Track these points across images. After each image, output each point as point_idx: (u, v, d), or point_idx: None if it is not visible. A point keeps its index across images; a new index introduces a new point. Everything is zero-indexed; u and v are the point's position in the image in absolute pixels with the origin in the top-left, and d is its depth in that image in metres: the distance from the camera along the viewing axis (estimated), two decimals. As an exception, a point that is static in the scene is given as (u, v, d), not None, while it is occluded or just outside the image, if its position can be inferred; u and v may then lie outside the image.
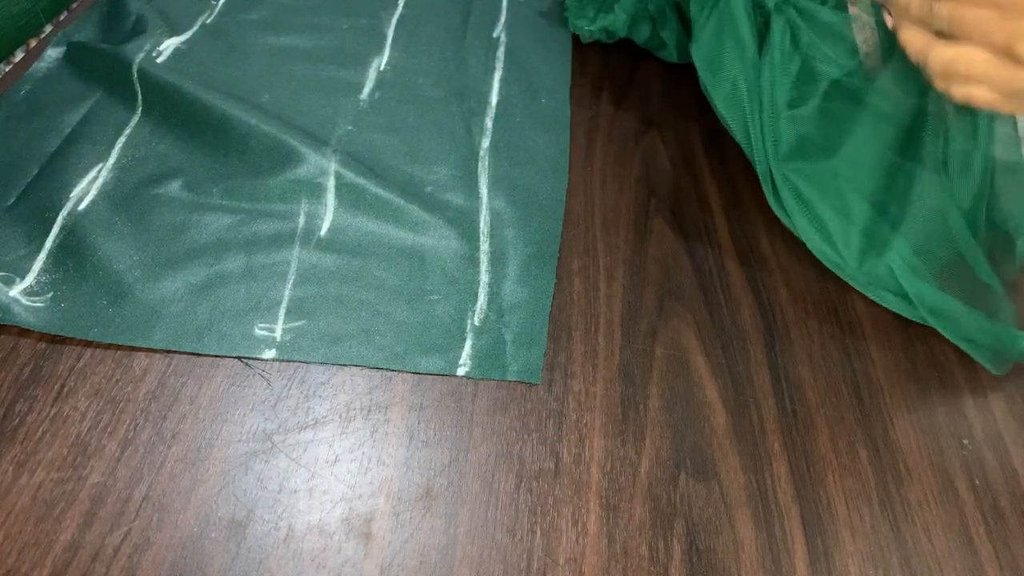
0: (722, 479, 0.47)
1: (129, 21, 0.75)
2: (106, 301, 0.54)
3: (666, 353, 0.53)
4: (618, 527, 0.45)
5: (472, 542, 0.44)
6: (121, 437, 0.47)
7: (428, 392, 0.50)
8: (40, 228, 0.58)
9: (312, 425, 0.48)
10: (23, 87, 0.69)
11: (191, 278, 0.55)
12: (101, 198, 0.60)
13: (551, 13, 0.82)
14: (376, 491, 0.46)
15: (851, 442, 0.49)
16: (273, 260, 0.57)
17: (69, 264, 0.56)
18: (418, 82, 0.72)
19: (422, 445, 0.48)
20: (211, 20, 0.77)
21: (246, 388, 0.50)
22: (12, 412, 0.48)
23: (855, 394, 0.51)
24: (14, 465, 0.46)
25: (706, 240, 0.60)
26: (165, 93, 0.66)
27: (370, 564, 0.43)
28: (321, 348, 0.52)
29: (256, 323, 0.53)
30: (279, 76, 0.72)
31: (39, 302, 0.54)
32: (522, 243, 0.59)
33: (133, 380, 0.50)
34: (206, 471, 0.46)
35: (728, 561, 0.44)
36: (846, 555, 0.44)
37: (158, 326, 0.53)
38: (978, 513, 0.46)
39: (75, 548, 0.43)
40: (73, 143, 0.64)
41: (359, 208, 0.60)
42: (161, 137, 0.65)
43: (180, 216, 0.59)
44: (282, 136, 0.63)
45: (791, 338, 0.54)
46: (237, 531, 0.44)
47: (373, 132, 0.67)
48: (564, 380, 0.51)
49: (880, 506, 0.46)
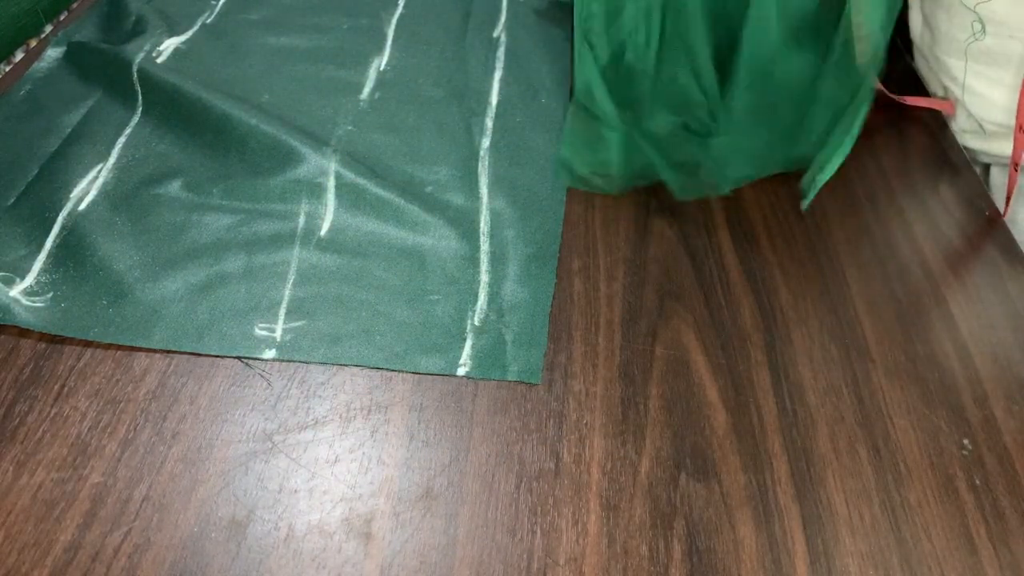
0: (722, 479, 0.47)
1: (129, 21, 0.75)
2: (106, 301, 0.54)
3: (666, 353, 0.53)
4: (618, 527, 0.45)
5: (472, 542, 0.44)
6: (121, 437, 0.47)
7: (428, 392, 0.50)
8: (40, 228, 0.58)
9: (312, 425, 0.48)
10: (23, 87, 0.69)
11: (191, 278, 0.56)
12: (101, 198, 0.60)
13: (551, 13, 0.82)
14: (376, 491, 0.46)
15: (851, 442, 0.49)
16: (273, 260, 0.57)
17: (69, 264, 0.56)
18: (418, 82, 0.72)
19: (422, 445, 0.48)
20: (211, 20, 0.78)
21: (246, 388, 0.50)
22: (12, 412, 0.48)
23: (855, 394, 0.51)
24: (14, 465, 0.46)
25: (706, 240, 0.60)
26: (165, 93, 0.67)
27: (370, 564, 0.43)
28: (321, 348, 0.52)
29: (256, 323, 0.53)
30: (279, 76, 0.72)
31: (39, 302, 0.54)
32: (522, 243, 0.59)
33: (133, 380, 0.50)
34: (206, 471, 0.46)
35: (728, 561, 0.44)
36: (846, 555, 0.44)
37: (158, 326, 0.53)
38: (978, 513, 0.46)
39: (75, 548, 0.43)
40: (73, 143, 0.65)
41: (359, 208, 0.60)
42: (161, 137, 0.66)
43: (180, 216, 0.60)
44: (282, 136, 0.63)
45: (791, 338, 0.54)
46: (237, 531, 0.44)
47: (373, 132, 0.67)
48: (564, 380, 0.51)
49: (880, 506, 0.46)
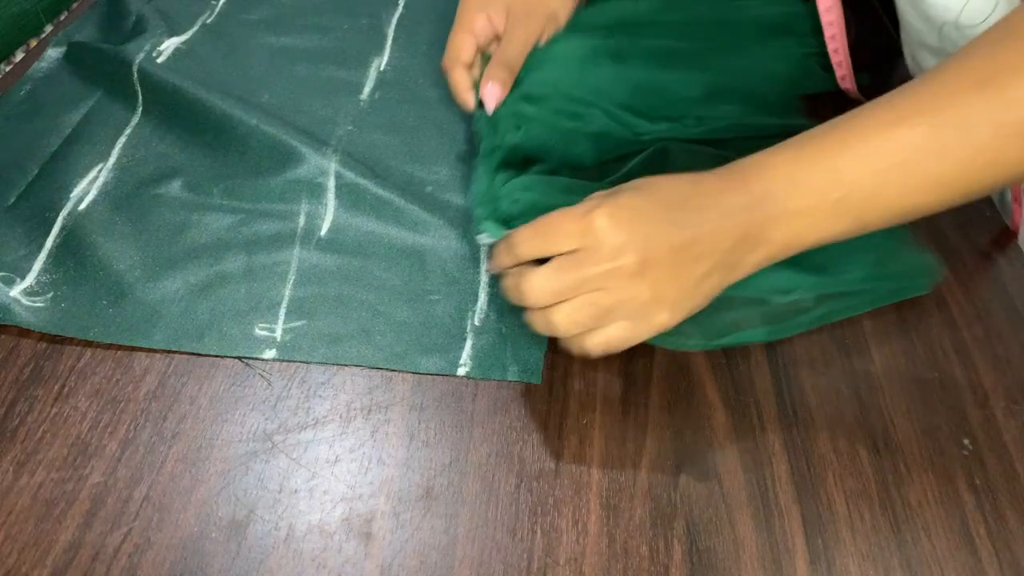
0: (722, 479, 0.47)
1: (129, 21, 0.75)
2: (106, 301, 0.54)
3: (666, 353, 0.53)
4: (618, 527, 0.45)
5: (472, 542, 0.44)
6: (121, 437, 0.47)
7: (429, 392, 0.50)
8: (40, 228, 0.58)
9: (312, 425, 0.48)
10: (23, 87, 0.69)
11: (191, 278, 0.55)
12: (101, 198, 0.60)
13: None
14: (376, 491, 0.46)
15: (851, 442, 0.49)
16: (273, 260, 0.57)
17: (69, 264, 0.56)
18: (418, 82, 0.72)
19: (423, 445, 0.48)
20: (211, 20, 0.77)
21: (246, 388, 0.50)
22: (12, 412, 0.48)
23: (855, 394, 0.51)
24: (14, 465, 0.46)
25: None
26: (165, 93, 0.66)
27: (371, 564, 0.43)
28: (321, 348, 0.52)
29: (256, 323, 0.53)
30: (279, 76, 0.72)
31: (39, 302, 0.54)
32: (522, 243, 0.59)
33: (133, 380, 0.50)
34: (206, 471, 0.46)
35: (728, 561, 0.44)
36: (846, 555, 0.44)
37: (158, 326, 0.53)
38: (978, 513, 0.46)
39: (75, 548, 0.43)
40: (73, 143, 0.64)
41: (359, 208, 0.60)
42: (161, 137, 0.65)
43: (180, 216, 0.59)
44: (282, 136, 0.63)
45: (791, 338, 0.54)
46: (237, 531, 0.44)
47: (373, 132, 0.67)
48: (564, 380, 0.51)
49: (880, 506, 0.46)
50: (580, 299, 0.45)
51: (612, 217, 0.45)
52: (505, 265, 0.49)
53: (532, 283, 0.46)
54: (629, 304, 0.45)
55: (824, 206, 0.45)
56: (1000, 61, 0.43)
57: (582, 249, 0.45)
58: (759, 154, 0.48)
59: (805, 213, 0.46)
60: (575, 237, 0.45)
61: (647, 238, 0.44)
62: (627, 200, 0.46)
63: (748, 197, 0.46)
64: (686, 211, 0.45)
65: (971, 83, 0.43)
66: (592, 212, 0.45)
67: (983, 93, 0.43)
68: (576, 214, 0.45)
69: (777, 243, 0.46)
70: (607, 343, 0.47)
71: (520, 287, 0.46)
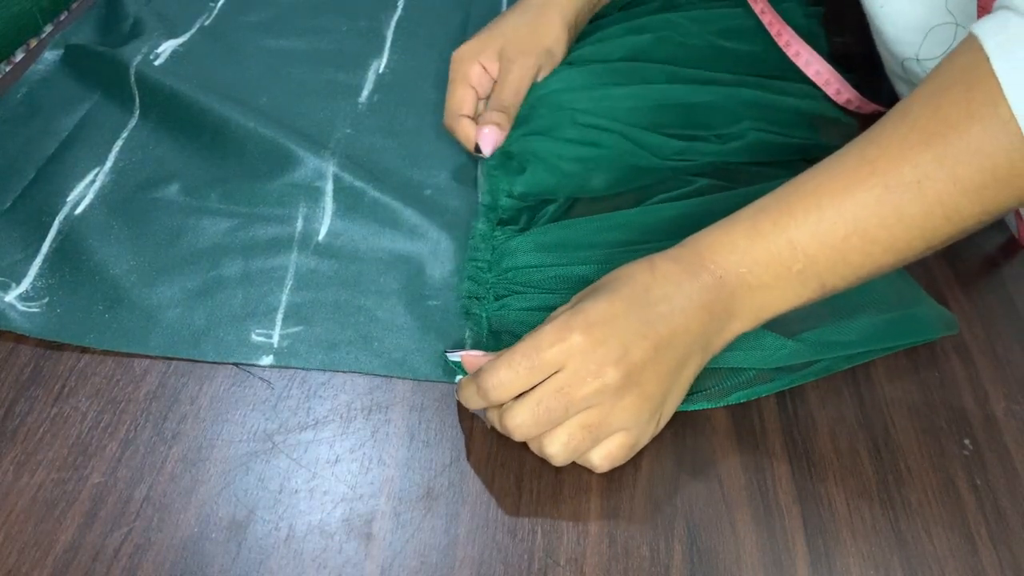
0: (722, 479, 0.47)
1: (127, 23, 0.75)
2: (103, 306, 0.53)
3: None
4: (619, 527, 0.45)
5: (473, 542, 0.44)
6: (122, 437, 0.47)
7: (429, 392, 0.50)
8: (36, 232, 0.58)
9: (313, 425, 0.48)
10: (20, 89, 0.69)
11: (188, 283, 0.55)
12: (98, 202, 0.60)
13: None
14: (377, 491, 0.46)
15: (851, 442, 0.49)
16: (271, 265, 0.57)
17: (65, 269, 0.56)
18: (417, 85, 0.72)
19: (423, 445, 0.48)
20: (209, 22, 0.77)
21: (247, 388, 0.50)
22: (12, 412, 0.48)
23: (855, 394, 0.51)
24: (15, 465, 0.46)
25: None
26: (163, 96, 0.66)
27: (371, 564, 0.43)
28: (319, 354, 0.52)
29: (253, 329, 0.53)
30: (277, 79, 0.71)
31: (35, 307, 0.53)
32: (521, 245, 0.59)
33: (134, 380, 0.50)
34: (207, 471, 0.46)
35: (729, 561, 0.44)
36: (847, 555, 0.44)
37: (155, 332, 0.52)
38: (979, 513, 0.46)
39: (76, 548, 0.43)
40: (70, 146, 0.64)
41: (358, 212, 0.60)
42: (159, 140, 0.65)
43: (177, 220, 0.59)
44: (280, 139, 0.63)
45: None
46: (238, 531, 0.44)
47: (372, 135, 0.67)
48: (564, 381, 0.51)
49: (881, 506, 0.46)
50: (571, 423, 0.44)
51: (587, 334, 0.43)
52: (479, 408, 0.47)
53: (516, 420, 0.44)
54: (621, 415, 0.44)
55: (788, 277, 0.45)
56: (944, 113, 0.42)
57: (562, 371, 0.43)
58: (713, 229, 0.47)
59: (770, 286, 0.45)
60: (550, 366, 0.43)
61: (626, 347, 0.43)
62: (595, 311, 0.44)
63: (709, 278, 0.45)
64: (652, 305, 0.44)
65: (917, 141, 0.43)
66: (566, 334, 0.43)
67: (932, 149, 0.42)
68: (547, 341, 0.43)
69: (746, 317, 0.46)
70: (611, 458, 0.45)
71: (505, 425, 0.44)
